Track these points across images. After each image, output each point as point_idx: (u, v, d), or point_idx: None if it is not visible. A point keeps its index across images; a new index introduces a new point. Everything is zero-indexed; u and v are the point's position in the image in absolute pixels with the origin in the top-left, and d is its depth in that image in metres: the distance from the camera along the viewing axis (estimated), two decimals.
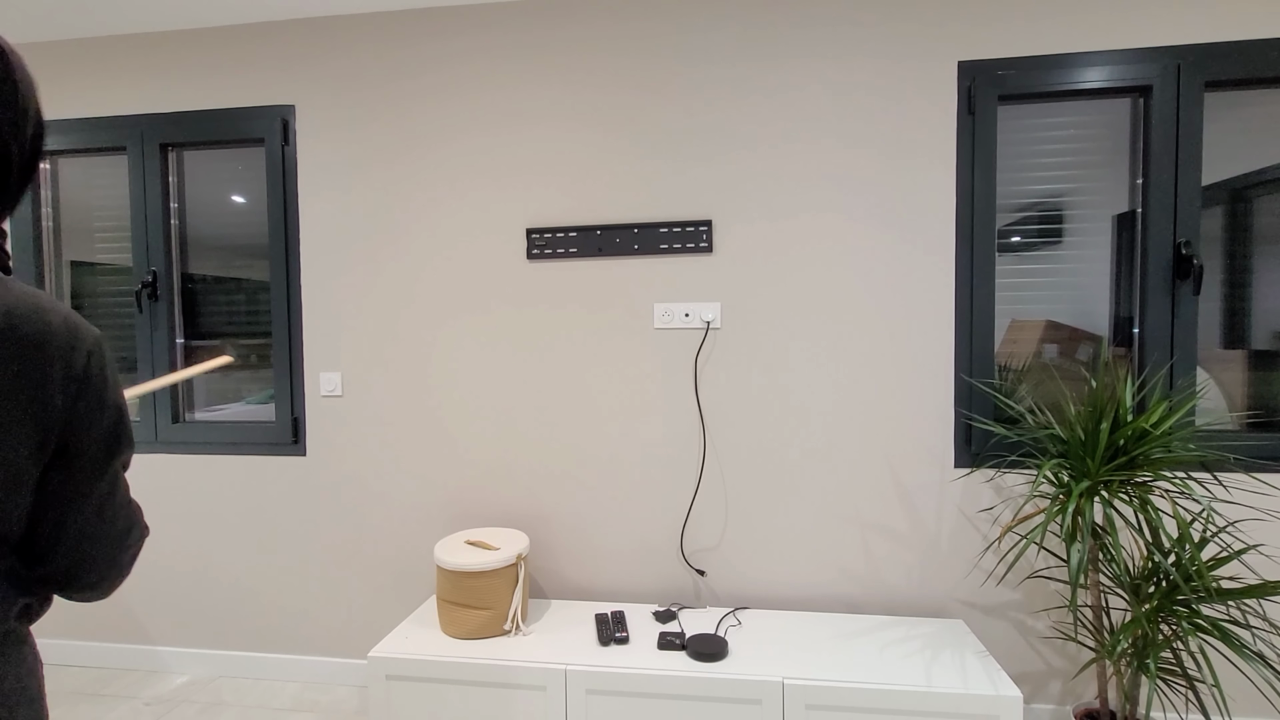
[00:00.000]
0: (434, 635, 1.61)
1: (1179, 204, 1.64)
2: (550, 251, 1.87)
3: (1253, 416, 1.70)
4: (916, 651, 1.52)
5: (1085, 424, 1.39)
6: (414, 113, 1.93)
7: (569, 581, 1.91)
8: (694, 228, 1.81)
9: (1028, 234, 1.77)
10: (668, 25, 1.82)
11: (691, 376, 1.83)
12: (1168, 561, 1.31)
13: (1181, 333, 1.65)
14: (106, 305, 2.17)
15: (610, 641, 1.57)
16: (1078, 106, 1.73)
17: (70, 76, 2.09)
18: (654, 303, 1.84)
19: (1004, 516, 1.73)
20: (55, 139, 2.10)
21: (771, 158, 1.79)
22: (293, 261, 2.01)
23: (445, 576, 1.60)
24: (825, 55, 1.76)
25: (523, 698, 1.48)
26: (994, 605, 1.75)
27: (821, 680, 1.40)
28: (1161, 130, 1.65)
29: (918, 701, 1.36)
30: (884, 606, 1.78)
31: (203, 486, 2.07)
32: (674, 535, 1.86)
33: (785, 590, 1.82)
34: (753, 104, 1.79)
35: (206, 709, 1.88)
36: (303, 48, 1.98)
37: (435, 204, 1.93)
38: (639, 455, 1.87)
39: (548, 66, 1.87)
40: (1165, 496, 1.31)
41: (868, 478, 1.78)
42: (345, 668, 2.01)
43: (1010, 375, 1.78)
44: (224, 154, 2.10)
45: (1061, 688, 1.74)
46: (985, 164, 1.70)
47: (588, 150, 1.86)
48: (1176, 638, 1.29)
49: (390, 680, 1.52)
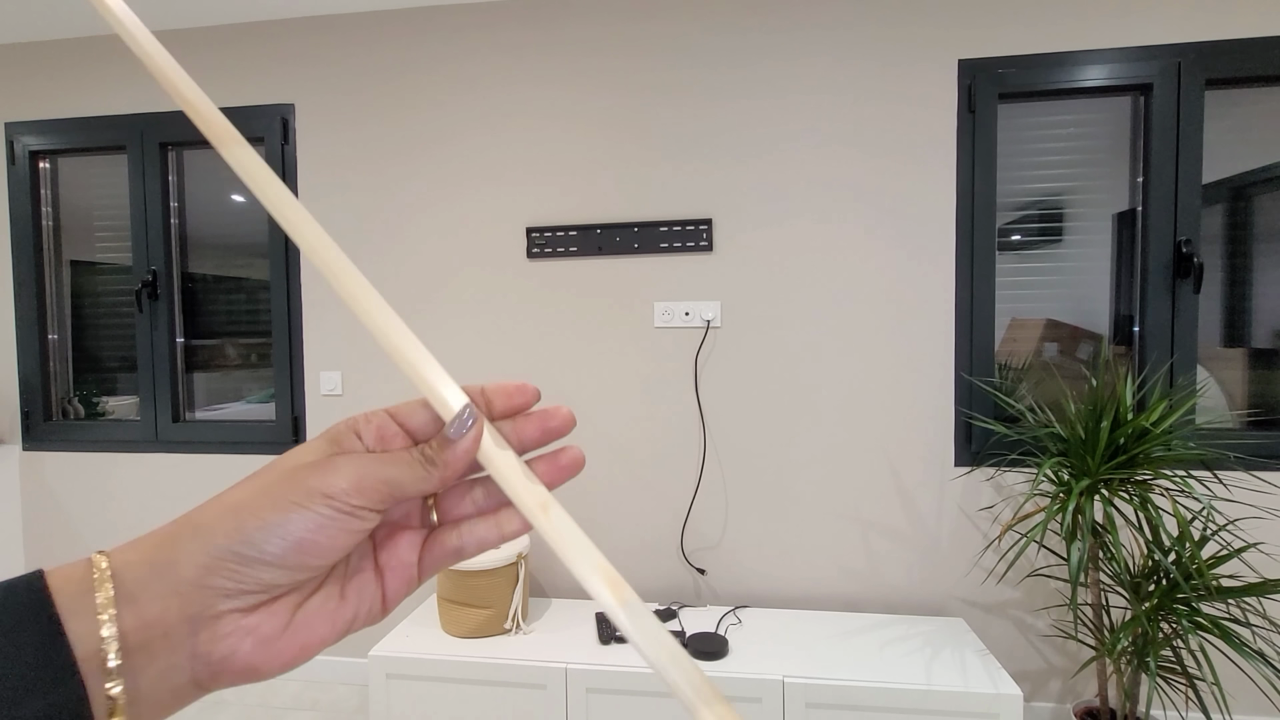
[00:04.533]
0: (434, 634, 1.61)
1: (1179, 202, 1.64)
2: (550, 250, 1.87)
3: (1253, 414, 1.70)
4: (917, 650, 1.52)
5: (1085, 422, 1.39)
6: (414, 112, 1.93)
7: (569, 580, 1.91)
8: (694, 226, 1.81)
9: (1028, 232, 1.77)
10: (667, 25, 1.82)
11: (692, 375, 1.83)
12: (1168, 560, 1.31)
13: (1182, 331, 1.65)
14: (106, 305, 2.17)
15: (611, 640, 1.57)
16: (1078, 105, 1.73)
17: (70, 76, 2.09)
18: (654, 301, 1.84)
19: (1004, 515, 1.73)
20: (55, 139, 2.10)
21: (771, 156, 1.79)
22: (293, 260, 2.01)
23: (445, 575, 1.60)
24: (825, 54, 1.76)
25: (523, 696, 1.48)
26: (994, 604, 1.75)
27: (822, 678, 1.40)
28: (1162, 128, 1.64)
29: (918, 700, 1.36)
30: (884, 605, 1.78)
31: (203, 486, 2.07)
32: (674, 534, 1.86)
33: (785, 588, 1.82)
34: (752, 103, 1.79)
35: (207, 708, 1.88)
36: (302, 47, 1.98)
37: (435, 203, 1.93)
38: (639, 454, 1.87)
39: (548, 66, 1.87)
40: (1165, 495, 1.31)
41: (868, 476, 1.78)
42: (345, 666, 2.01)
43: (1010, 374, 1.78)
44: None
45: (1061, 686, 1.74)
46: (985, 162, 1.70)
47: (587, 149, 1.86)
48: (1176, 636, 1.29)
49: (390, 679, 1.52)
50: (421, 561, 0.29)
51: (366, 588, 0.28)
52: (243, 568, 0.23)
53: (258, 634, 0.24)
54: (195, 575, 0.23)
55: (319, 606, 0.26)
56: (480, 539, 0.29)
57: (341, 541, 0.25)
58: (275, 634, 0.25)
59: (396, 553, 0.29)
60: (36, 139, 2.10)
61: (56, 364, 2.20)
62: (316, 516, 0.24)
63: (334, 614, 0.27)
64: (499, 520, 0.30)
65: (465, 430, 0.27)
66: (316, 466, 0.25)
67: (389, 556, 0.29)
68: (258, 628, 0.24)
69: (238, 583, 0.23)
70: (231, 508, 0.24)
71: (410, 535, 0.29)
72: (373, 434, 0.28)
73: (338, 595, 0.27)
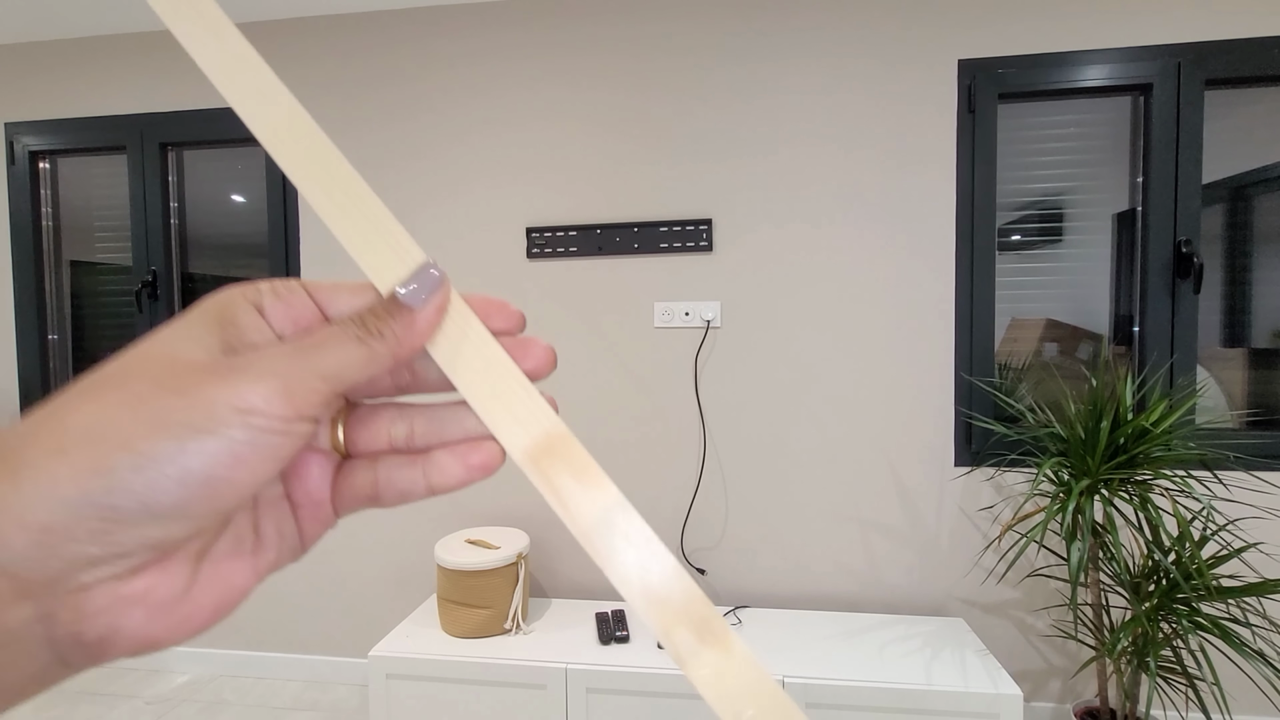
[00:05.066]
0: (434, 634, 1.61)
1: (1179, 202, 1.64)
2: (550, 250, 1.87)
3: (1253, 415, 1.70)
4: (917, 650, 1.52)
5: (1085, 422, 1.39)
6: (413, 112, 1.93)
7: (569, 580, 1.91)
8: (694, 226, 1.81)
9: (1028, 232, 1.77)
10: (667, 25, 1.82)
11: (692, 375, 1.83)
12: (1168, 560, 1.31)
13: (1181, 331, 1.65)
14: (106, 305, 2.17)
15: (611, 640, 1.57)
16: (1078, 105, 1.73)
17: (70, 76, 2.09)
18: (654, 301, 1.84)
19: (1004, 515, 1.73)
20: (55, 138, 2.10)
21: (771, 156, 1.79)
22: (293, 261, 2.01)
23: (445, 575, 1.60)
24: (825, 54, 1.76)
25: (523, 696, 1.48)
26: (994, 603, 1.75)
27: (822, 678, 1.40)
28: (1161, 128, 1.64)
29: (918, 700, 1.36)
30: (884, 605, 1.78)
31: None
32: (674, 534, 1.86)
33: (785, 588, 1.82)
34: (752, 103, 1.79)
35: (207, 708, 1.88)
36: (302, 47, 1.98)
37: (435, 203, 1.93)
38: (639, 454, 1.87)
39: (548, 66, 1.87)
40: (1165, 495, 1.31)
41: (868, 476, 1.78)
42: (346, 666, 2.01)
43: (1010, 374, 1.78)
44: (224, 154, 2.10)
45: (1062, 686, 1.74)
46: (985, 162, 1.70)
47: (587, 149, 1.86)
48: (1176, 636, 1.29)
49: (390, 679, 1.52)
50: (334, 496, 0.22)
51: (285, 521, 0.22)
52: (114, 527, 0.16)
53: (149, 601, 0.17)
54: (27, 547, 0.15)
55: (230, 550, 0.20)
56: (401, 491, 0.22)
57: (265, 472, 0.18)
58: (174, 597, 0.18)
59: (306, 483, 0.22)
60: (36, 139, 2.10)
61: (56, 364, 2.20)
62: (230, 443, 0.17)
63: (251, 558, 0.20)
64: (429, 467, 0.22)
65: (426, 296, 0.20)
66: (217, 371, 0.18)
67: (298, 486, 0.22)
68: (148, 594, 0.17)
69: (107, 547, 0.16)
70: (83, 435, 0.16)
71: (320, 462, 0.22)
72: (287, 319, 0.20)
73: (251, 533, 0.21)
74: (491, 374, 0.20)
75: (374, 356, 0.19)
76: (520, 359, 0.21)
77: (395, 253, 0.20)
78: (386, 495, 0.22)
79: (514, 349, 0.22)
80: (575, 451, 0.20)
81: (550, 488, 0.20)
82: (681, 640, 0.19)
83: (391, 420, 0.22)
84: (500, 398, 0.20)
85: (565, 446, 0.20)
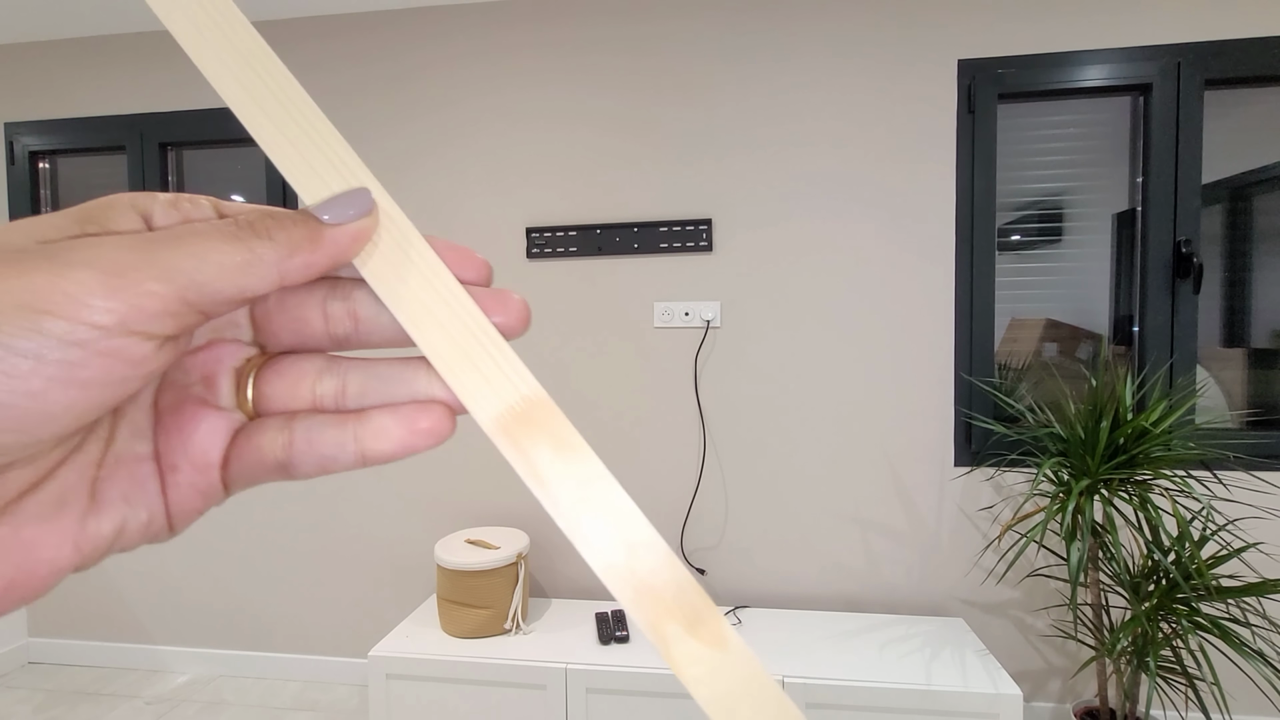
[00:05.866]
0: (434, 634, 1.61)
1: (1179, 202, 1.64)
2: (550, 250, 1.87)
3: (1253, 415, 1.70)
4: (916, 650, 1.52)
5: (1085, 422, 1.39)
6: (412, 113, 1.93)
7: (569, 580, 1.91)
8: (694, 226, 1.81)
9: (1028, 232, 1.77)
10: (667, 25, 1.82)
11: (691, 375, 1.83)
12: (1167, 560, 1.31)
13: (1181, 331, 1.65)
14: None
15: (611, 640, 1.57)
16: (1078, 105, 1.73)
17: (70, 76, 2.09)
18: (654, 301, 1.84)
19: (1004, 515, 1.73)
20: (55, 139, 2.10)
21: (770, 156, 1.79)
22: None
23: (445, 575, 1.60)
24: (825, 54, 1.76)
25: (523, 697, 1.48)
26: (994, 603, 1.75)
27: (822, 678, 1.40)
28: (1161, 128, 1.64)
29: (918, 699, 1.36)
30: (884, 605, 1.78)
31: None
32: (674, 534, 1.86)
33: (785, 588, 1.82)
34: (752, 102, 1.79)
35: (207, 708, 1.88)
36: (302, 47, 1.98)
37: (434, 204, 1.93)
38: (639, 453, 1.87)
39: (547, 66, 1.87)
40: (1165, 495, 1.31)
41: (868, 476, 1.78)
42: (345, 667, 2.01)
43: (1010, 374, 1.78)
44: (223, 154, 2.10)
45: (1061, 686, 1.74)
46: (985, 162, 1.70)
47: (587, 149, 1.86)
48: (1176, 636, 1.29)
49: (390, 679, 1.52)
50: (228, 463, 0.17)
51: (143, 486, 0.16)
52: None
53: None
54: None
55: (43, 512, 0.15)
56: (323, 457, 0.17)
57: (85, 402, 0.13)
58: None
59: (186, 443, 0.17)
60: (36, 139, 2.10)
61: None
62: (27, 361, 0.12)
63: (75, 525, 0.15)
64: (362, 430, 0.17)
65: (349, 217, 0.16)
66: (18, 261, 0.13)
67: (175, 445, 0.17)
68: None
69: None
70: None
71: (211, 417, 0.17)
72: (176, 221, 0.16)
73: (84, 494, 0.15)
74: (453, 322, 0.16)
75: (252, 261, 0.14)
76: (489, 311, 0.17)
77: (338, 171, 0.17)
78: (302, 462, 0.17)
79: (482, 300, 0.18)
80: (557, 422, 0.18)
81: (525, 461, 0.17)
82: (671, 633, 0.17)
83: (318, 372, 0.18)
84: (464, 351, 0.16)
85: (545, 415, 0.17)
